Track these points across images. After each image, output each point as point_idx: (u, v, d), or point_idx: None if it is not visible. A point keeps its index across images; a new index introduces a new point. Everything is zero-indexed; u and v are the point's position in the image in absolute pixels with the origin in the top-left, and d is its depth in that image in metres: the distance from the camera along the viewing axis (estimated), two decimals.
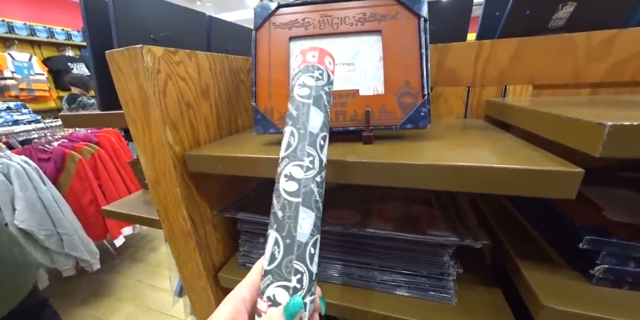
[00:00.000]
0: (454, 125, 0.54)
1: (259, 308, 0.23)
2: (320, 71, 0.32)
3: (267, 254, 0.25)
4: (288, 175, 0.26)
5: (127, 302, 1.68)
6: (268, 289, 0.23)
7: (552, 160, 0.29)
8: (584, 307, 0.32)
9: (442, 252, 0.43)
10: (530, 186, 0.28)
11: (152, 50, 0.41)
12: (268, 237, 0.25)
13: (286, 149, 0.28)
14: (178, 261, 0.56)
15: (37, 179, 1.40)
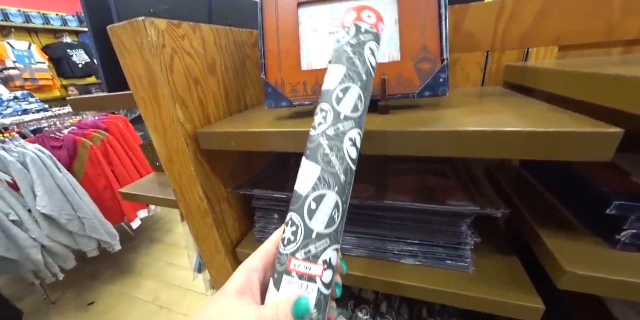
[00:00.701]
0: (473, 93, 0.51)
1: (311, 273, 0.23)
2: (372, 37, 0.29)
3: (324, 218, 0.24)
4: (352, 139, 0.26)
5: (149, 279, 1.78)
6: (325, 253, 0.23)
7: (586, 122, 0.28)
8: (609, 271, 0.32)
9: (460, 222, 0.43)
10: (564, 150, 0.27)
11: (155, 23, 0.39)
12: (325, 198, 0.24)
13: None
14: (197, 238, 0.57)
15: (52, 166, 1.43)
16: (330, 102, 0.27)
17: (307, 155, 0.26)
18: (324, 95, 0.27)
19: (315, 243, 0.23)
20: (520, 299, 0.38)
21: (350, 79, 0.27)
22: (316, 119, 0.27)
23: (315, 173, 0.25)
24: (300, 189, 0.25)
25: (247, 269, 0.25)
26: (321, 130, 0.26)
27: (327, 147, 0.25)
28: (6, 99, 1.73)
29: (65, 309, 1.62)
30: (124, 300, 1.64)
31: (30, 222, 1.39)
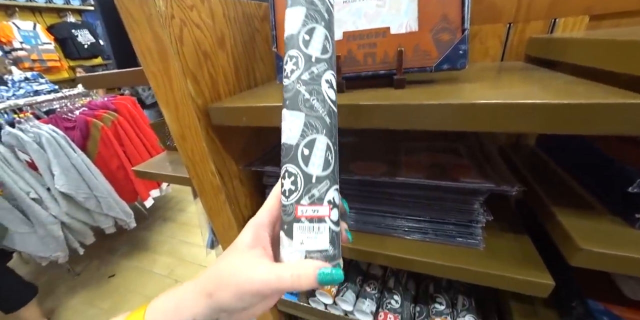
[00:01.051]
0: (492, 68, 0.49)
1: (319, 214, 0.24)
2: None
3: (319, 161, 0.24)
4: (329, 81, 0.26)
5: (164, 255, 1.86)
6: (327, 194, 0.24)
7: (617, 93, 0.26)
8: (626, 249, 0.32)
9: (472, 200, 0.42)
10: (593, 123, 0.25)
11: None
12: (316, 142, 0.24)
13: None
14: (210, 214, 0.59)
15: (66, 146, 1.46)
16: (297, 46, 0.25)
17: (287, 106, 0.25)
18: (289, 41, 0.26)
19: (316, 186, 0.24)
20: (529, 275, 0.38)
21: (313, 19, 0.25)
22: (287, 67, 0.26)
23: (300, 120, 0.25)
24: (288, 139, 0.25)
25: (254, 225, 0.25)
26: (295, 77, 0.25)
27: (306, 92, 0.25)
28: (17, 79, 1.74)
29: (88, 280, 1.73)
30: (142, 273, 1.73)
31: (49, 200, 1.45)
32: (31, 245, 1.45)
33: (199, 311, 0.23)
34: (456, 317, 0.57)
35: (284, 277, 0.22)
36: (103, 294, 1.61)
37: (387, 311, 0.60)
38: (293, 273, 0.22)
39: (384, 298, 0.63)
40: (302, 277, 0.22)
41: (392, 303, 0.61)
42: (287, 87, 0.26)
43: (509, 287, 0.40)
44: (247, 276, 0.22)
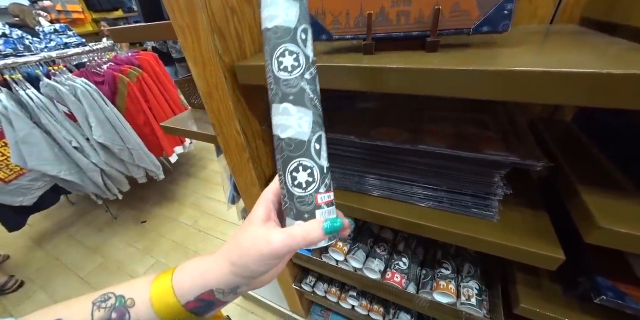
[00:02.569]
0: (540, 32, 0.45)
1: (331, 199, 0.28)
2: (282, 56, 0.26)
3: (325, 154, 0.28)
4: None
5: (189, 207, 2.02)
6: (331, 181, 0.28)
7: None
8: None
9: (493, 173, 0.42)
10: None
11: None
12: (322, 138, 0.27)
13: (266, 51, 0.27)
14: (234, 171, 0.62)
15: (100, 100, 1.52)
16: (296, 43, 0.25)
17: (292, 101, 0.26)
18: (284, 33, 0.25)
19: (327, 176, 0.27)
20: (540, 248, 0.39)
21: (305, 20, 0.26)
22: (285, 60, 0.25)
23: (309, 118, 0.26)
24: (299, 135, 0.26)
25: (265, 201, 0.29)
26: (298, 74, 0.26)
27: (310, 91, 0.26)
28: (48, 31, 1.76)
29: (125, 223, 1.94)
30: (170, 222, 1.90)
31: (89, 149, 1.56)
32: None
33: (224, 278, 0.26)
34: (460, 282, 0.60)
35: (297, 235, 0.25)
36: (137, 236, 1.81)
37: (394, 271, 0.64)
38: (303, 230, 0.25)
39: (393, 260, 0.67)
40: (311, 231, 0.25)
41: (400, 264, 0.65)
42: (289, 82, 0.26)
43: (519, 258, 0.41)
44: (266, 241, 0.25)
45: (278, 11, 0.25)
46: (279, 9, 0.25)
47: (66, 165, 1.51)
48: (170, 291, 0.26)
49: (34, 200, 1.57)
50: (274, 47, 0.25)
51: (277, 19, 0.25)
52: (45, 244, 1.83)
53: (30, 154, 1.39)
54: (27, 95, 1.35)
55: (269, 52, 0.26)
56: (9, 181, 1.47)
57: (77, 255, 1.71)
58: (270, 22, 0.25)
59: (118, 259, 1.66)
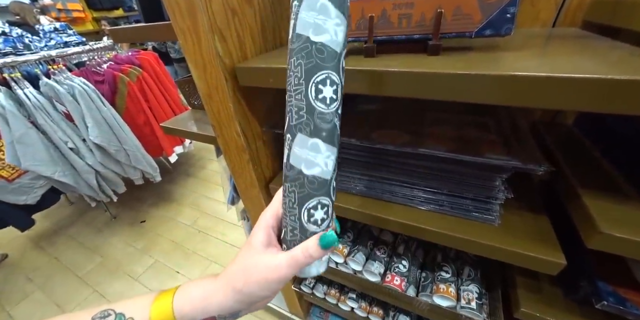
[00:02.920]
0: (542, 35, 0.45)
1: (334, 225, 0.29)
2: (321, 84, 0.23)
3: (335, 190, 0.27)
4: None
5: (188, 207, 2.01)
6: None
7: None
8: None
9: (494, 177, 0.42)
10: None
11: None
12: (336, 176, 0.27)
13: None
14: (234, 172, 0.62)
15: (97, 100, 1.51)
16: (339, 72, 0.23)
17: (324, 137, 0.24)
18: (329, 56, 0.23)
19: (334, 209, 0.28)
20: (541, 253, 0.39)
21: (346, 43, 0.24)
22: (325, 90, 0.23)
23: (334, 156, 0.25)
24: (323, 173, 0.25)
25: (264, 227, 0.29)
26: (334, 109, 0.24)
27: (339, 128, 0.25)
28: (47, 30, 1.76)
29: (124, 223, 1.93)
30: (168, 221, 1.90)
31: (85, 150, 1.56)
32: None
33: (226, 304, 0.26)
34: (460, 285, 0.60)
35: (298, 255, 0.26)
36: (137, 236, 1.80)
37: (394, 274, 0.64)
38: (302, 248, 0.26)
39: (392, 262, 0.67)
40: (310, 248, 0.26)
41: (400, 267, 0.65)
42: (324, 116, 0.24)
43: (519, 262, 0.41)
44: (272, 268, 0.26)
45: (327, 25, 0.22)
46: (328, 23, 0.22)
47: (60, 166, 1.50)
48: (170, 313, 0.26)
49: (36, 198, 1.57)
50: (314, 69, 0.23)
51: (324, 35, 0.22)
52: (44, 243, 1.82)
53: (24, 154, 1.38)
54: (25, 94, 1.35)
55: (305, 69, 0.23)
56: (11, 179, 1.47)
57: (76, 255, 1.70)
58: (316, 34, 0.22)
59: (117, 258, 1.66)
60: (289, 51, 0.24)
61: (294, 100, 0.24)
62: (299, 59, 0.23)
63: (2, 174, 1.44)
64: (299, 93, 0.23)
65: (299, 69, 0.23)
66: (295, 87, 0.23)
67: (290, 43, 0.24)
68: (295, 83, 0.23)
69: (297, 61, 0.23)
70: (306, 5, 0.22)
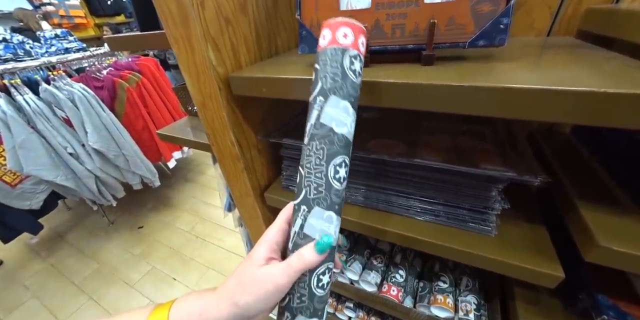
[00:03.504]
0: (537, 44, 0.44)
1: None
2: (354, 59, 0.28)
3: None
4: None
5: (186, 212, 2.00)
6: None
7: None
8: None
9: (491, 187, 0.41)
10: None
11: None
12: None
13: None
14: (228, 181, 0.61)
15: (97, 105, 1.52)
16: (349, 156, 0.29)
17: (337, 210, 0.28)
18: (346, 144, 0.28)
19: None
20: (539, 265, 0.38)
21: None
22: (341, 171, 0.28)
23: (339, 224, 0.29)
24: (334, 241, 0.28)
25: (269, 241, 0.29)
26: (344, 186, 0.29)
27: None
28: (49, 36, 1.77)
29: (121, 228, 1.92)
30: (166, 227, 1.88)
31: (84, 155, 1.55)
32: None
33: (224, 319, 0.26)
34: (458, 296, 0.59)
35: (293, 262, 0.26)
36: (134, 242, 1.79)
37: (391, 284, 0.63)
38: (298, 255, 0.26)
39: (389, 272, 0.66)
40: (305, 254, 0.26)
41: (397, 277, 0.64)
42: (339, 192, 0.28)
43: (516, 275, 0.40)
44: (269, 278, 0.26)
45: (346, 121, 0.28)
46: (347, 119, 0.28)
47: (62, 171, 1.50)
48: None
49: (40, 203, 1.58)
50: (335, 154, 0.27)
51: (344, 128, 0.28)
52: (40, 250, 1.81)
53: (26, 159, 1.38)
54: (24, 100, 1.35)
55: (327, 153, 0.27)
56: (14, 185, 1.47)
57: (72, 261, 1.69)
58: (338, 126, 0.27)
59: (113, 264, 1.64)
60: (311, 134, 0.28)
61: (313, 177, 0.28)
62: (322, 144, 0.27)
63: (5, 179, 1.44)
64: (319, 172, 0.27)
65: (321, 152, 0.27)
66: (316, 166, 0.27)
67: (312, 127, 0.28)
68: (316, 163, 0.27)
69: (320, 145, 0.28)
70: (331, 104, 0.27)
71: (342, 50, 0.28)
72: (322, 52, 0.29)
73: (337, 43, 0.28)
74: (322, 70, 0.28)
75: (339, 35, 0.28)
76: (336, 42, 0.28)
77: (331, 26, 0.29)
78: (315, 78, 0.29)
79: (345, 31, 0.29)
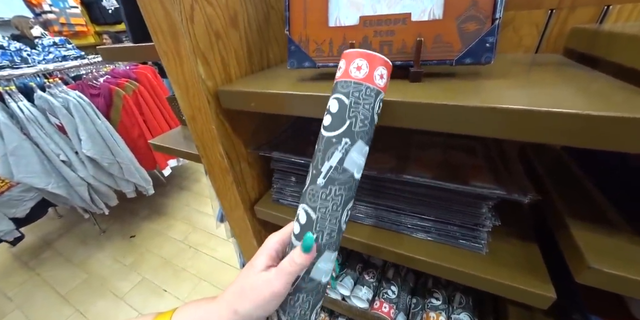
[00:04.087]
0: (524, 62, 0.45)
1: None
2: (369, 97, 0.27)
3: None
4: None
5: (179, 221, 1.98)
6: None
7: None
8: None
9: (481, 204, 0.41)
10: (634, 140, 0.23)
11: None
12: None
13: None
14: (218, 193, 0.60)
15: (92, 113, 1.51)
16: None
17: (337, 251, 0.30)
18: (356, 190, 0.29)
19: None
20: (530, 285, 0.37)
21: None
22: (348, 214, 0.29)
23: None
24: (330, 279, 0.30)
25: (268, 250, 0.29)
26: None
27: None
28: (47, 44, 1.78)
29: (113, 237, 1.88)
30: (159, 236, 1.85)
31: (77, 163, 1.54)
32: None
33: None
34: (451, 313, 0.58)
35: (285, 264, 0.27)
36: (125, 251, 1.75)
37: (383, 300, 0.61)
38: (288, 258, 0.27)
39: (381, 287, 0.64)
40: (295, 255, 0.27)
41: (389, 293, 0.62)
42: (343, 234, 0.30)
43: (507, 294, 0.39)
44: (265, 282, 0.26)
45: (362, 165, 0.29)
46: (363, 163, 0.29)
47: (54, 178, 1.48)
48: None
49: (26, 211, 1.55)
50: (350, 199, 0.29)
51: (360, 172, 0.29)
52: (27, 259, 1.76)
53: (18, 166, 1.36)
54: (18, 107, 1.35)
55: (344, 199, 0.28)
56: (1, 192, 1.44)
57: (60, 271, 1.65)
58: (357, 172, 0.28)
59: (102, 275, 1.60)
60: (330, 177, 0.27)
61: (327, 223, 0.28)
62: (341, 190, 0.27)
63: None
64: (334, 218, 0.28)
65: (339, 198, 0.27)
66: (332, 212, 0.27)
67: (334, 170, 0.27)
68: (333, 209, 0.27)
69: (339, 191, 0.27)
70: (357, 149, 0.27)
71: (377, 91, 0.27)
72: (356, 86, 0.26)
73: (373, 82, 0.27)
74: (354, 108, 0.26)
75: (376, 75, 0.27)
76: (372, 80, 0.27)
77: (369, 58, 0.27)
78: (341, 113, 0.27)
79: (382, 72, 0.27)
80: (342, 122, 0.26)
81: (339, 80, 0.28)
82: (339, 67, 0.28)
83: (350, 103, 0.26)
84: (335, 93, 0.28)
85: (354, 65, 0.27)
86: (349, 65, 0.27)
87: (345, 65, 0.27)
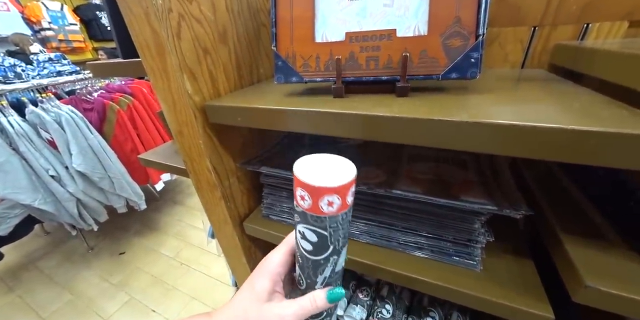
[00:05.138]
0: (510, 77, 0.45)
1: None
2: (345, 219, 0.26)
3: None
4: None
5: (172, 236, 1.92)
6: None
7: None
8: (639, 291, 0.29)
9: (473, 219, 0.40)
10: (619, 155, 0.22)
11: None
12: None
13: None
14: (206, 209, 0.59)
15: (84, 127, 1.50)
16: None
17: None
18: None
19: None
20: (527, 305, 0.36)
21: None
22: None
23: None
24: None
25: (271, 274, 0.29)
26: None
27: None
28: (42, 59, 1.79)
29: (101, 255, 1.82)
30: (150, 253, 1.80)
31: (67, 178, 1.51)
32: None
33: None
34: None
35: (306, 304, 0.27)
36: (114, 270, 1.69)
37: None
38: (311, 299, 0.28)
39: (375, 306, 0.62)
40: (317, 299, 0.28)
41: (384, 312, 0.60)
42: None
43: (504, 315, 0.38)
44: (279, 316, 0.26)
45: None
46: None
47: (42, 194, 1.44)
48: None
49: (9, 229, 1.49)
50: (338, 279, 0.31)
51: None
52: (9, 279, 1.68)
53: (4, 182, 1.33)
54: (8, 121, 1.33)
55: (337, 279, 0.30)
56: None
57: (43, 292, 1.58)
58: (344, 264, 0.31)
59: (88, 295, 1.53)
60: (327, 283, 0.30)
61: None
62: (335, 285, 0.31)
63: None
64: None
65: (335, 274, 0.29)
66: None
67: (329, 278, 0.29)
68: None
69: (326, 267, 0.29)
70: (342, 254, 0.29)
71: (349, 209, 0.26)
72: (332, 219, 0.25)
73: (346, 207, 0.25)
74: (334, 236, 0.26)
75: (349, 200, 0.25)
76: (346, 206, 0.24)
77: (339, 191, 0.23)
78: (322, 242, 0.26)
79: (352, 190, 0.24)
80: (326, 248, 0.27)
81: (308, 212, 0.25)
82: (300, 195, 0.24)
83: (330, 233, 0.25)
84: (308, 224, 0.25)
85: (323, 201, 0.23)
86: (317, 200, 0.23)
87: (313, 200, 0.23)
